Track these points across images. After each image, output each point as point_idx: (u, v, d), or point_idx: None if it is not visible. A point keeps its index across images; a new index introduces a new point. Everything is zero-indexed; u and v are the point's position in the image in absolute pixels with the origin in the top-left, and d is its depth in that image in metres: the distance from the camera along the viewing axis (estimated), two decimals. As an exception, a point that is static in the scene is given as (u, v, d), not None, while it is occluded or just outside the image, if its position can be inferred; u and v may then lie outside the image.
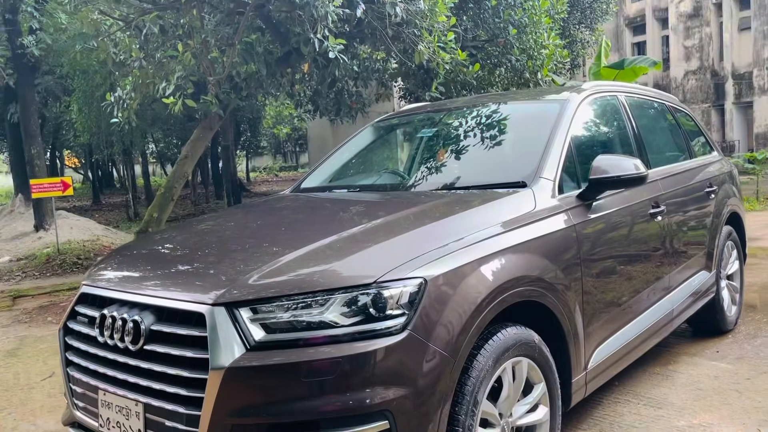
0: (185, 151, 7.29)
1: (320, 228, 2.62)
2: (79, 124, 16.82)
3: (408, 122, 4.09)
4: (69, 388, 2.56)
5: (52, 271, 9.75)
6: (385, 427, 1.97)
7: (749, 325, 4.82)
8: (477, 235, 2.40)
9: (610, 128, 3.71)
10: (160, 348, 2.14)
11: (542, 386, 2.57)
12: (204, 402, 1.99)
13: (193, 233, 2.97)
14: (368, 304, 2.03)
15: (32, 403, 4.09)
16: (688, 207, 4.00)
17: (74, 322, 2.57)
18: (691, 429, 3.19)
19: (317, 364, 1.95)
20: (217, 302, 2.06)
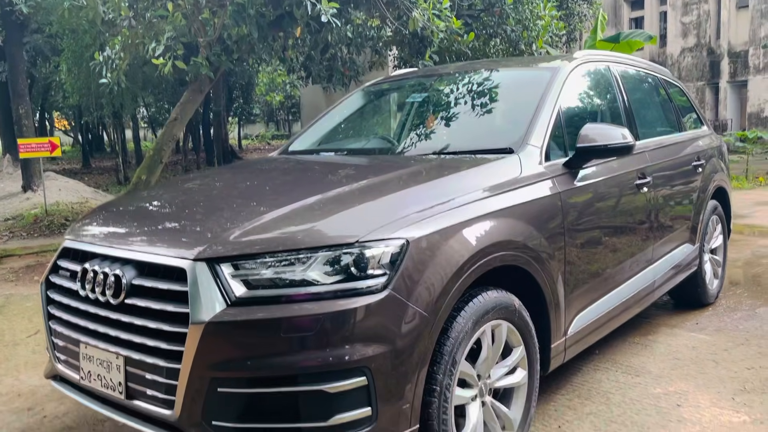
0: (175, 113, 7.22)
1: (305, 188, 2.61)
2: (68, 85, 16.59)
3: (398, 87, 4.06)
4: (51, 342, 2.57)
5: (39, 232, 9.70)
6: (363, 383, 1.99)
7: (730, 299, 4.88)
8: (461, 199, 2.40)
9: (600, 98, 3.70)
10: (141, 302, 2.14)
11: (521, 350, 2.60)
12: (184, 356, 2.00)
13: (179, 191, 2.96)
14: (350, 264, 2.04)
15: (16, 359, 4.11)
16: (675, 180, 4.01)
17: (56, 276, 2.57)
18: (667, 396, 3.24)
19: (297, 321, 1.96)
20: (198, 258, 2.06)
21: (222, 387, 2.00)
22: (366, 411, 2.00)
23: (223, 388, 2.00)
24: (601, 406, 3.15)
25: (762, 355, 3.73)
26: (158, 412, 2.12)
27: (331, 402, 1.96)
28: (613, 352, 3.86)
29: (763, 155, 17.14)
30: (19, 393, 3.57)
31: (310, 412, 1.97)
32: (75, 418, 3.22)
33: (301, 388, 1.97)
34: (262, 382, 2.00)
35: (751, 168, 13.81)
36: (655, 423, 2.96)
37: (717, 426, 2.92)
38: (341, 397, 1.97)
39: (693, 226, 4.28)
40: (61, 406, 3.38)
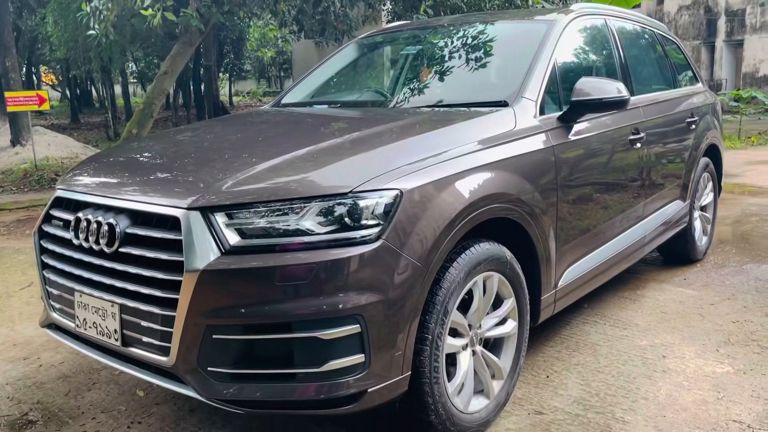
0: (164, 66, 7.11)
1: (298, 140, 2.60)
2: (55, 38, 16.24)
3: (392, 40, 4.01)
4: (45, 291, 2.58)
5: (29, 187, 9.65)
6: (356, 330, 2.01)
7: (718, 256, 4.95)
8: (455, 151, 2.40)
9: (596, 52, 3.67)
10: (134, 250, 2.15)
11: (512, 301, 2.64)
12: (179, 303, 2.02)
13: (171, 142, 2.94)
14: (343, 214, 2.04)
15: (10, 311, 4.13)
16: (668, 136, 4.01)
17: (49, 226, 2.56)
18: (653, 348, 3.31)
19: (291, 269, 1.98)
20: (192, 206, 2.06)
21: (217, 334, 2.02)
22: (359, 358, 2.03)
23: (218, 335, 2.02)
24: (589, 357, 3.21)
25: (747, 310, 3.81)
26: (154, 358, 2.15)
27: (324, 348, 1.99)
28: (602, 306, 3.92)
29: (756, 115, 17.12)
30: (14, 343, 3.60)
31: (304, 358, 2.00)
32: (71, 367, 3.26)
33: (296, 335, 1.99)
34: (256, 329, 2.02)
35: (744, 128, 13.81)
36: (641, 373, 3.03)
37: (701, 376, 2.99)
38: (335, 343, 2.00)
39: (684, 183, 4.31)
40: (56, 355, 3.42)
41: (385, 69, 3.75)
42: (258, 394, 2.04)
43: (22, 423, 2.73)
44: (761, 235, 5.55)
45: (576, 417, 2.66)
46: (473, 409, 2.49)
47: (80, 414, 2.79)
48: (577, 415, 2.67)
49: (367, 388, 2.06)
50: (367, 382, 2.06)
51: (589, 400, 2.79)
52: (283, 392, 2.03)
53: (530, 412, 2.71)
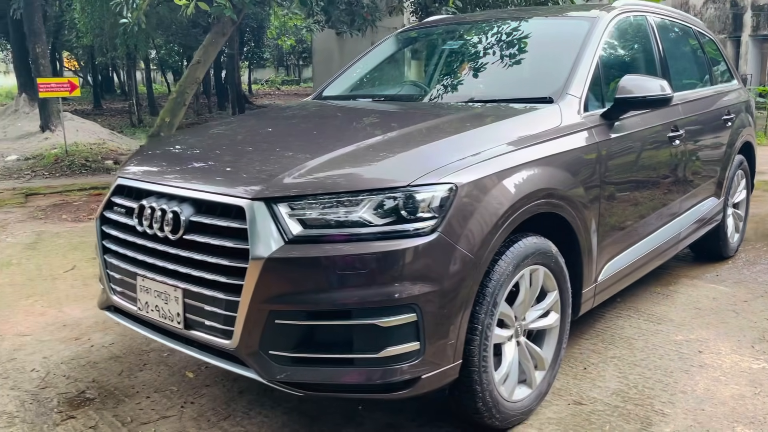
0: (197, 56, 7.21)
1: (352, 133, 2.67)
2: (82, 25, 16.42)
3: (432, 34, 4.06)
4: (106, 274, 2.68)
5: (60, 172, 9.83)
6: (413, 319, 2.09)
7: (749, 253, 4.97)
8: (505, 147, 2.46)
9: (637, 49, 3.70)
10: (199, 238, 2.24)
11: (555, 294, 2.70)
12: (243, 289, 2.11)
13: (224, 134, 3.03)
14: (401, 206, 2.12)
15: (57, 293, 4.26)
16: (705, 133, 4.04)
17: (111, 212, 2.66)
18: (689, 343, 3.36)
19: (353, 259, 2.06)
20: (257, 197, 2.15)
21: (279, 319, 2.11)
22: (414, 345, 2.11)
23: (280, 320, 2.11)
24: (625, 351, 3.27)
25: (781, 307, 3.84)
26: (216, 341, 2.24)
27: (382, 335, 2.07)
28: (635, 300, 3.97)
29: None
30: (64, 324, 3.73)
31: (363, 344, 2.09)
32: (121, 348, 3.38)
33: (355, 321, 2.08)
34: (317, 315, 2.11)
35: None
36: (678, 367, 3.08)
37: (737, 372, 3.04)
38: (392, 331, 2.08)
39: (719, 180, 4.33)
40: (106, 336, 3.54)
41: (425, 63, 3.81)
42: (317, 377, 2.13)
43: (81, 400, 2.85)
44: (792, 234, 5.55)
45: (615, 408, 2.72)
46: (517, 397, 2.57)
47: (135, 393, 2.91)
48: (617, 406, 2.74)
49: (421, 374, 2.14)
50: (420, 369, 2.14)
51: (628, 392, 2.85)
52: (341, 376, 2.12)
53: (570, 402, 2.78)
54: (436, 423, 2.62)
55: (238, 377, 3.01)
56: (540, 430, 2.58)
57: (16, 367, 3.18)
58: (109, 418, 2.70)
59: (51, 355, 3.32)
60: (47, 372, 3.12)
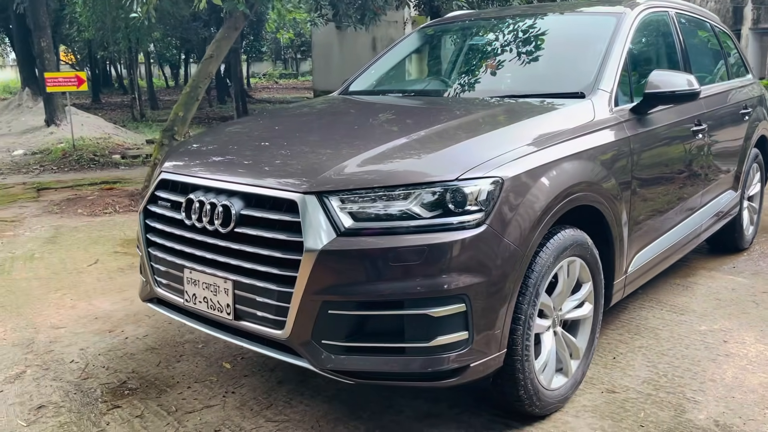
0: (210, 50, 7.23)
1: (393, 127, 2.72)
2: (84, 18, 16.37)
3: (456, 30, 4.10)
4: (150, 267, 2.73)
5: (69, 166, 9.86)
6: (462, 309, 2.15)
7: (764, 245, 5.04)
8: (545, 141, 2.52)
9: (661, 44, 3.76)
10: (250, 231, 2.29)
11: (590, 285, 2.76)
12: (297, 280, 2.16)
13: (262, 128, 3.08)
14: (449, 199, 2.17)
15: (84, 286, 4.31)
16: (725, 127, 4.10)
17: (155, 206, 2.71)
18: (712, 333, 3.43)
19: (405, 251, 2.11)
20: (309, 191, 2.20)
21: (332, 309, 2.17)
22: (463, 334, 2.17)
23: (333, 311, 2.17)
24: (651, 341, 3.34)
25: (799, 298, 3.91)
26: (267, 331, 2.30)
27: (434, 325, 2.13)
28: (656, 292, 4.04)
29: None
30: (95, 316, 3.78)
31: (414, 334, 2.15)
32: (156, 340, 3.44)
33: (407, 311, 2.14)
34: (370, 306, 2.16)
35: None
36: (705, 357, 3.15)
37: (764, 361, 3.11)
38: (443, 321, 2.14)
39: (737, 173, 4.40)
40: (139, 328, 3.60)
41: (452, 59, 3.85)
42: (368, 366, 2.19)
43: (124, 390, 2.91)
44: (803, 226, 5.62)
45: (648, 396, 2.79)
46: (554, 386, 2.63)
47: (176, 383, 2.96)
48: (649, 394, 2.81)
49: (469, 363, 2.20)
50: (469, 358, 2.20)
51: (658, 381, 2.92)
52: (393, 364, 2.18)
53: (603, 390, 2.85)
54: (474, 411, 2.69)
55: (275, 367, 3.08)
56: (576, 417, 2.64)
57: (55, 359, 3.23)
58: (153, 408, 2.76)
59: (87, 346, 3.37)
60: (86, 363, 3.18)
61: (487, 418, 2.63)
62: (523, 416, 2.60)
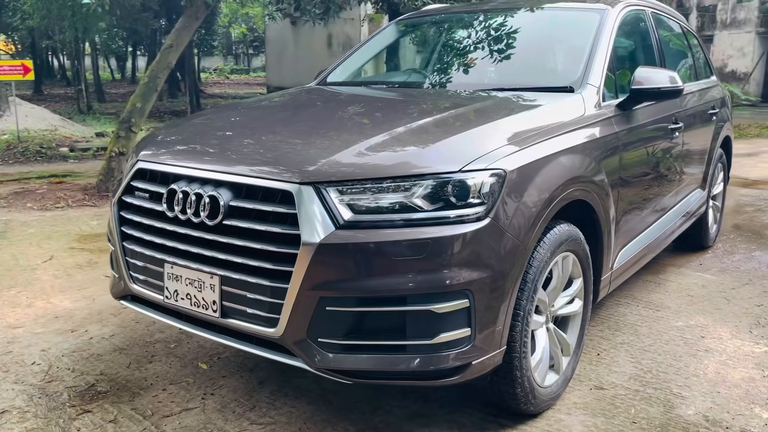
0: (170, 40, 6.98)
1: (386, 118, 2.63)
2: (29, 6, 15.68)
3: (440, 22, 4.03)
4: (125, 262, 2.57)
5: (14, 159, 9.40)
6: (465, 305, 2.08)
7: (725, 243, 5.16)
8: (542, 134, 2.47)
9: (640, 42, 3.78)
10: (241, 223, 2.16)
11: (580, 281, 2.74)
12: (293, 275, 2.05)
13: (245, 117, 2.93)
14: (451, 192, 2.09)
15: (40, 284, 4.07)
16: (697, 126, 4.17)
17: (131, 197, 2.55)
18: (689, 329, 3.47)
19: (407, 245, 2.03)
20: (305, 181, 2.09)
21: (331, 306, 2.06)
22: (465, 331, 2.10)
23: (331, 307, 2.06)
24: (632, 337, 3.35)
25: (766, 294, 4.00)
26: (258, 329, 2.17)
27: (436, 321, 2.06)
28: (630, 288, 4.07)
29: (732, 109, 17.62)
30: (55, 315, 3.56)
31: (417, 331, 2.06)
32: (123, 339, 3.25)
33: (410, 307, 2.05)
34: (371, 301, 2.07)
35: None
36: (685, 352, 3.18)
37: (742, 355, 3.15)
38: (446, 317, 2.06)
39: (705, 172, 4.48)
40: (104, 327, 3.40)
41: (436, 51, 3.78)
42: (367, 365, 2.09)
43: (93, 393, 2.73)
44: (761, 225, 5.80)
45: (636, 392, 2.78)
46: (547, 383, 2.59)
47: (149, 385, 2.80)
48: (637, 390, 2.80)
49: (471, 360, 2.13)
50: (470, 355, 2.13)
51: (644, 377, 2.92)
52: (393, 363, 2.09)
53: (591, 387, 2.83)
54: (465, 410, 2.62)
55: (255, 367, 2.95)
56: (569, 414, 2.61)
57: (15, 360, 3.02)
58: (128, 412, 2.59)
59: (49, 347, 3.16)
60: (50, 365, 2.98)
61: (479, 417, 2.58)
62: (516, 414, 2.55)
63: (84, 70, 20.35)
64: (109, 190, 6.66)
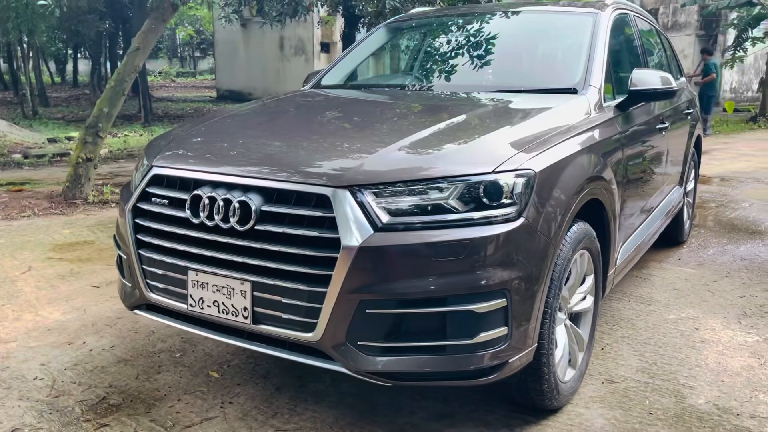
0: (136, 42, 6.80)
1: (408, 121, 2.64)
2: (-33, 7, 15.01)
3: (425, 25, 4.06)
4: (141, 271, 2.50)
5: (-38, 166, 8.98)
6: (503, 304, 2.11)
7: (698, 238, 5.36)
8: (559, 135, 2.52)
9: (627, 44, 3.89)
10: (275, 228, 2.13)
11: (592, 278, 2.81)
12: (332, 279, 2.04)
13: (262, 121, 2.90)
14: (485, 192, 2.11)
15: (24, 296, 3.91)
16: (678, 126, 4.32)
17: (148, 204, 2.48)
18: (683, 321, 3.60)
19: (447, 246, 2.04)
20: (341, 185, 2.08)
21: (371, 308, 2.06)
22: (503, 330, 2.13)
23: (371, 310, 2.06)
24: (630, 331, 3.45)
25: (747, 286, 4.18)
26: (294, 334, 2.15)
27: (477, 321, 2.08)
28: (619, 284, 4.15)
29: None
30: (47, 328, 3.43)
31: (457, 331, 2.07)
32: (126, 350, 3.16)
33: (451, 308, 2.06)
34: (411, 303, 2.07)
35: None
36: (684, 344, 3.29)
37: (736, 345, 3.29)
38: (486, 316, 2.08)
39: (681, 169, 4.65)
40: (102, 339, 3.29)
41: (433, 53, 3.80)
42: (407, 366, 2.10)
43: (106, 407, 2.64)
44: (726, 219, 6.05)
45: (646, 384, 2.87)
46: (567, 378, 2.65)
47: (163, 396, 2.73)
48: (647, 382, 2.88)
49: (507, 359, 2.16)
50: (507, 354, 2.16)
51: (650, 369, 3.01)
52: (434, 364, 2.10)
53: (603, 381, 2.90)
54: (487, 408, 2.65)
55: (268, 374, 2.92)
56: (587, 408, 2.67)
57: (15, 376, 2.90)
58: (147, 424, 2.52)
59: (48, 361, 3.05)
60: (53, 379, 2.87)
61: (503, 414, 2.61)
62: (538, 410, 2.60)
63: (28, 73, 19.60)
64: (77, 197, 6.45)
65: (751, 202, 6.94)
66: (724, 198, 7.13)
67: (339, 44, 24.52)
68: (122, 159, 9.85)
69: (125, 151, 10.35)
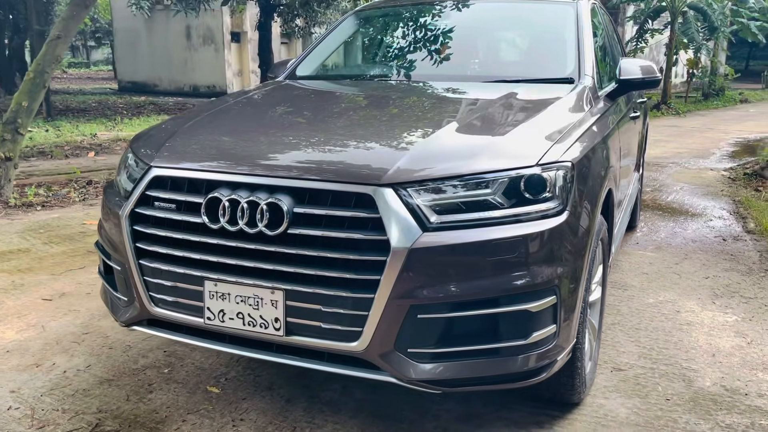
0: (56, 30, 6.25)
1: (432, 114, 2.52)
2: None
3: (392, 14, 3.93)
4: (143, 283, 2.25)
5: None
6: (554, 301, 2.04)
7: (646, 222, 5.57)
8: (576, 126, 2.47)
9: (600, 34, 3.93)
10: (311, 231, 1.97)
11: (601, 268, 2.80)
12: (380, 284, 1.90)
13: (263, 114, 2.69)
14: (529, 187, 2.03)
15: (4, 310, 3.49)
16: (640, 114, 4.43)
17: (150, 209, 2.23)
18: (662, 305, 3.69)
19: (499, 244, 1.95)
20: (384, 183, 1.94)
21: (423, 313, 1.94)
22: (552, 328, 2.06)
23: (423, 314, 1.94)
24: (618, 317, 3.50)
25: (707, 267, 4.36)
26: (335, 345, 2.00)
27: (531, 321, 2.00)
28: (591, 270, 4.26)
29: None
30: (6, 349, 3.06)
31: (511, 332, 1.99)
32: (105, 369, 2.87)
33: (505, 309, 1.97)
34: (464, 306, 1.96)
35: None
36: (672, 327, 3.37)
37: (719, 325, 3.41)
38: (539, 315, 2.01)
39: (638, 156, 4.78)
40: (73, 358, 2.98)
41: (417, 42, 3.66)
42: (460, 372, 1.99)
43: (103, 436, 2.38)
44: (665, 203, 6.33)
45: (652, 370, 2.91)
46: (588, 370, 2.63)
47: (164, 418, 2.49)
48: (652, 368, 2.93)
49: (556, 357, 2.11)
50: (554, 352, 2.10)
51: (650, 354, 3.06)
52: (486, 368, 2.01)
53: (611, 369, 2.92)
54: (510, 407, 2.59)
55: (272, 385, 2.73)
56: (606, 399, 2.67)
57: (-17, 408, 2.56)
58: (156, 451, 2.29)
59: (19, 387, 2.71)
60: (31, 408, 2.55)
61: (527, 411, 2.56)
62: (561, 404, 2.57)
63: None
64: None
65: (681, 185, 7.31)
66: (656, 183, 7.47)
67: (250, 33, 23.88)
68: (33, 158, 9.09)
69: (35, 149, 9.55)
